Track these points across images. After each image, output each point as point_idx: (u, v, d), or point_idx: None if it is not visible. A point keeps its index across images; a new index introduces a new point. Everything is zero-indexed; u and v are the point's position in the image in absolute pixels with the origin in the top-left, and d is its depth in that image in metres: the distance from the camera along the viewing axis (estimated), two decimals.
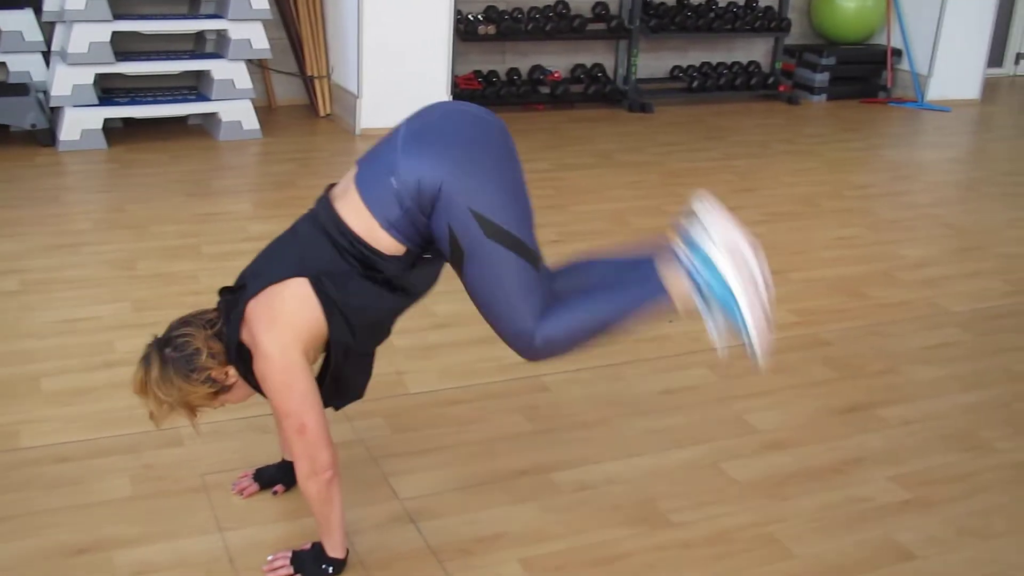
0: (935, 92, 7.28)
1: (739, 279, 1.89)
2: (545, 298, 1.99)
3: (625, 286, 2.01)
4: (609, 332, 2.03)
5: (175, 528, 2.25)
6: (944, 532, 2.37)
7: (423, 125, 1.99)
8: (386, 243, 1.96)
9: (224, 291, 2.08)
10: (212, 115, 5.42)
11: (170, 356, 1.97)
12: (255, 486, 2.38)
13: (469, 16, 6.22)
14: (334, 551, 2.09)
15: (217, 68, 5.29)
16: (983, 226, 4.66)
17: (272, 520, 2.30)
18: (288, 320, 1.93)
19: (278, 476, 2.38)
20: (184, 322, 2.02)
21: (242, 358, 2.01)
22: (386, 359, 3.04)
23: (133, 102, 5.26)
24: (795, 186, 5.11)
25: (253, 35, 5.30)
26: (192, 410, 2.03)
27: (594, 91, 6.63)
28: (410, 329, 3.23)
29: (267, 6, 5.30)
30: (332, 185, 2.10)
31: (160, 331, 2.06)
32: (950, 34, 7.18)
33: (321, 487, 2.00)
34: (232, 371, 2.03)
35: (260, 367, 1.96)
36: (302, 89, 6.17)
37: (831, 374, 3.12)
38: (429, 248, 2.02)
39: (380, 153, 2.01)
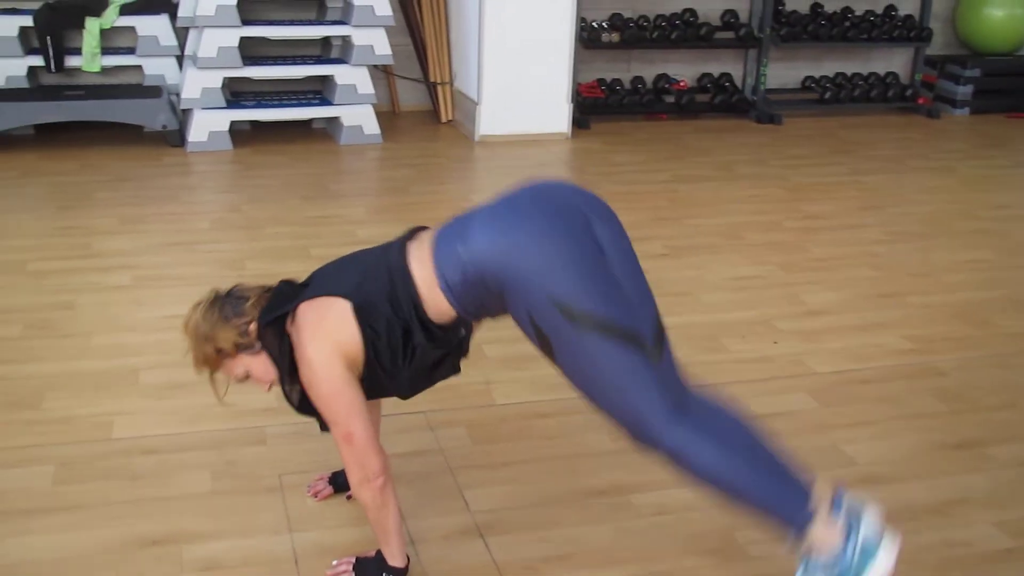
0: None
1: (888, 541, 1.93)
2: (678, 399, 1.88)
3: (780, 479, 1.90)
4: (725, 493, 1.92)
5: (247, 526, 2.28)
6: None
7: (510, 200, 1.95)
8: (438, 305, 1.95)
9: (284, 283, 2.11)
10: (335, 119, 5.53)
11: (222, 298, 2.06)
12: (329, 489, 2.40)
13: (593, 23, 6.17)
14: (393, 559, 2.08)
15: (340, 73, 5.40)
16: None
17: (341, 524, 2.31)
18: (329, 332, 1.96)
19: None
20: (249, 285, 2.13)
21: (284, 345, 2.01)
22: (476, 368, 3.02)
23: (259, 105, 5.41)
24: (925, 204, 4.86)
25: (376, 41, 5.38)
26: (215, 361, 2.05)
27: (720, 101, 6.47)
28: (503, 339, 3.19)
29: (390, 12, 5.38)
30: (420, 228, 2.06)
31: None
32: None
33: (375, 493, 2.00)
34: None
35: (305, 375, 1.98)
36: (426, 95, 6.24)
37: (941, 407, 2.93)
38: (482, 318, 2.02)
39: (465, 216, 1.99)
